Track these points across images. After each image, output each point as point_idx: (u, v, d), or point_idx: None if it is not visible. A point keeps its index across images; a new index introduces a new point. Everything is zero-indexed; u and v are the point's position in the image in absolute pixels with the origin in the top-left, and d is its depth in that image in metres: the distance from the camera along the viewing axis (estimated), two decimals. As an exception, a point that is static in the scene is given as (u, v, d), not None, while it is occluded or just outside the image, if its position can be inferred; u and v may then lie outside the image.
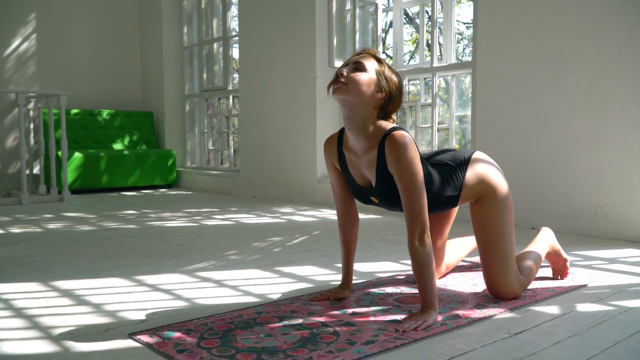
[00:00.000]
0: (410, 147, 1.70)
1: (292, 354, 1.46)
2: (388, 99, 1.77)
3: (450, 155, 1.96)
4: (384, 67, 1.78)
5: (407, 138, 1.71)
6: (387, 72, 1.77)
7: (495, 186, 1.92)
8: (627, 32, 2.95)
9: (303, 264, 2.52)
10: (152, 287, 2.15)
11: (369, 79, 1.73)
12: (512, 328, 1.65)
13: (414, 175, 1.69)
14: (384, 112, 1.78)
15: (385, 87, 1.75)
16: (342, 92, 1.72)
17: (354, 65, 1.75)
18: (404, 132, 1.73)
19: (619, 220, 3.02)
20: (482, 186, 1.92)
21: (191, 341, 1.56)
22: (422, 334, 1.58)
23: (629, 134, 2.97)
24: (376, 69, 1.76)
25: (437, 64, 4.11)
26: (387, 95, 1.76)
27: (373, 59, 1.78)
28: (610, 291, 2.04)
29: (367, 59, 1.77)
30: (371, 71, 1.74)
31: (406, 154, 1.69)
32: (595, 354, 1.45)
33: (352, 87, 1.71)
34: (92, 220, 3.93)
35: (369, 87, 1.73)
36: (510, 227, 1.94)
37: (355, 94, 1.72)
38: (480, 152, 2.00)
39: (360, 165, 1.83)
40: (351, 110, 1.74)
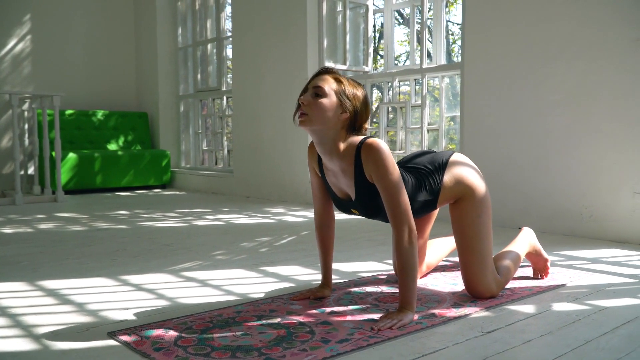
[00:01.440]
0: (385, 150, 1.73)
1: (266, 352, 1.48)
2: (354, 116, 1.76)
3: (429, 157, 1.98)
4: (344, 84, 1.75)
5: (380, 143, 1.74)
6: (347, 89, 1.75)
7: (474, 187, 1.95)
8: (611, 34, 2.98)
9: (288, 264, 2.54)
10: (136, 287, 2.17)
11: (330, 103, 1.72)
12: (486, 327, 1.67)
13: (394, 174, 1.72)
14: (353, 128, 1.78)
15: (349, 106, 1.74)
16: (306, 123, 1.73)
17: (313, 91, 1.73)
18: (376, 139, 1.76)
19: (603, 221, 3.05)
20: (460, 187, 1.94)
21: (169, 339, 1.58)
22: (397, 333, 1.61)
23: (613, 135, 3.00)
24: (335, 89, 1.73)
25: (427, 65, 4.13)
26: (352, 113, 1.76)
27: (331, 79, 1.75)
28: (588, 291, 2.07)
29: (325, 82, 1.74)
30: (331, 94, 1.72)
31: (382, 156, 1.72)
32: (564, 353, 1.47)
33: (315, 117, 1.72)
34: (84, 221, 3.95)
35: (331, 112, 1.72)
36: (488, 228, 1.97)
37: (319, 122, 1.72)
38: (458, 154, 2.02)
39: (338, 181, 1.86)
40: (320, 136, 1.76)
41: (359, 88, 1.80)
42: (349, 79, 1.80)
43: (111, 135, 6.46)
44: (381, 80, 4.62)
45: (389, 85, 4.54)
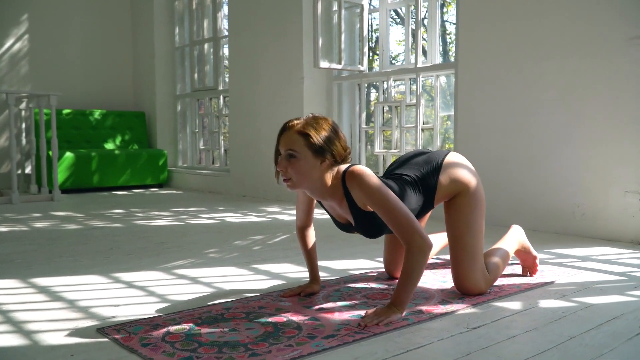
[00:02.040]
0: (366, 175, 1.75)
1: (253, 347, 1.50)
2: (332, 155, 1.76)
3: (424, 158, 2.01)
4: (311, 135, 1.71)
5: (359, 169, 1.76)
6: (316, 138, 1.71)
7: (469, 185, 1.97)
8: (603, 33, 2.99)
9: (280, 262, 2.56)
10: (127, 284, 2.19)
11: (308, 162, 1.72)
12: (472, 323, 1.69)
13: (385, 195, 1.73)
14: (336, 162, 1.78)
15: (326, 149, 1.74)
16: (294, 187, 1.76)
17: (286, 155, 1.73)
18: (355, 166, 1.78)
19: (595, 219, 3.06)
20: (456, 186, 1.97)
21: (157, 335, 1.59)
22: (383, 329, 1.62)
23: (605, 134, 3.01)
24: (306, 144, 1.71)
25: (421, 64, 4.14)
26: (331, 155, 1.75)
27: (297, 135, 1.72)
28: (576, 288, 2.08)
29: (294, 142, 1.72)
30: (304, 152, 1.71)
31: (366, 182, 1.73)
32: (548, 349, 1.49)
33: (299, 180, 1.74)
34: (79, 219, 3.97)
35: (312, 168, 1.73)
36: (481, 225, 1.99)
37: (305, 182, 1.75)
38: (454, 153, 2.04)
39: (336, 210, 1.90)
40: (310, 189, 1.79)
41: (325, 124, 1.76)
42: (311, 120, 1.75)
43: (108, 134, 6.48)
44: (376, 79, 4.64)
45: (385, 85, 4.55)
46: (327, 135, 1.74)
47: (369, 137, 4.84)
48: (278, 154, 1.78)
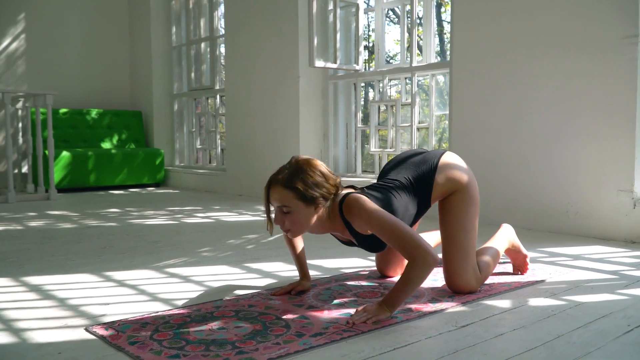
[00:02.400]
0: (362, 204, 1.76)
1: (240, 345, 1.50)
2: (324, 198, 1.76)
3: (421, 157, 2.02)
4: (299, 186, 1.72)
5: (355, 200, 1.77)
6: (305, 190, 1.72)
7: (464, 184, 1.99)
8: (597, 32, 2.99)
9: (272, 261, 2.56)
10: (118, 283, 2.19)
11: (302, 212, 1.74)
12: (460, 321, 1.69)
13: (383, 219, 1.74)
14: (330, 201, 1.80)
15: (318, 198, 1.74)
16: (295, 235, 1.81)
17: (279, 210, 1.75)
18: (350, 196, 1.79)
19: (588, 218, 3.06)
20: (451, 184, 1.98)
21: (145, 334, 1.60)
22: (371, 327, 1.62)
23: (598, 132, 3.01)
24: (297, 196, 1.72)
25: (416, 63, 4.14)
26: (322, 198, 1.76)
27: (285, 190, 1.72)
28: (567, 286, 2.08)
29: (284, 197, 1.73)
30: (297, 205, 1.73)
31: (365, 212, 1.75)
32: (534, 347, 1.49)
33: (299, 229, 1.78)
34: (75, 218, 3.97)
35: (309, 216, 1.75)
36: (474, 224, 2.00)
37: (304, 228, 1.78)
38: (450, 153, 2.06)
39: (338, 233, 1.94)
40: (311, 230, 1.83)
41: (310, 170, 1.75)
42: (295, 170, 1.75)
43: (105, 133, 6.48)
44: (372, 78, 4.64)
45: (380, 84, 4.55)
46: (315, 181, 1.74)
47: (366, 136, 4.84)
48: (268, 205, 1.80)
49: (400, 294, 1.72)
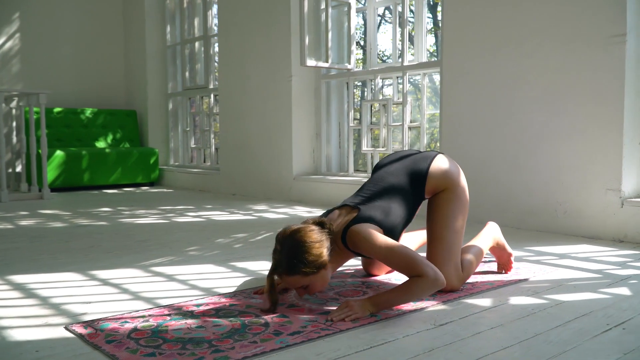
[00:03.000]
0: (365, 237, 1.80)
1: (217, 344, 1.50)
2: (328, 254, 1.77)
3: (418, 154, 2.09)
4: (302, 269, 1.71)
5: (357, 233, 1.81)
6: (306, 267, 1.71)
7: (455, 182, 2.04)
8: (584, 31, 2.99)
9: (258, 259, 2.56)
10: (102, 282, 2.19)
11: (318, 279, 1.75)
12: (439, 319, 1.69)
13: (387, 251, 1.78)
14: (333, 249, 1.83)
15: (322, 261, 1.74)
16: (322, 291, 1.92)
17: (300, 289, 1.77)
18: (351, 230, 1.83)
19: (576, 217, 3.06)
20: (444, 179, 2.03)
21: (123, 332, 1.60)
22: (349, 325, 1.63)
23: (586, 131, 3.01)
24: (305, 275, 1.72)
25: (407, 62, 4.14)
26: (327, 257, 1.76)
27: (293, 276, 1.72)
28: (550, 285, 2.08)
29: (297, 282, 1.74)
30: (311, 279, 1.74)
31: (369, 245, 1.80)
32: (510, 345, 1.49)
33: (323, 288, 1.81)
34: (66, 217, 3.97)
35: (324, 277, 1.78)
36: (461, 224, 2.03)
37: (325, 285, 1.81)
38: (444, 155, 2.11)
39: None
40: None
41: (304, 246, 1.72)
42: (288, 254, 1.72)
43: (100, 133, 6.48)
44: (364, 77, 4.64)
45: (372, 83, 4.55)
46: (314, 254, 1.72)
47: (358, 135, 4.84)
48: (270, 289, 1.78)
49: (392, 298, 1.75)
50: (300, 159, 4.83)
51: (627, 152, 2.90)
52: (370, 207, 1.92)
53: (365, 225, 1.85)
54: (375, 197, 1.97)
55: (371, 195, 1.98)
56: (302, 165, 4.84)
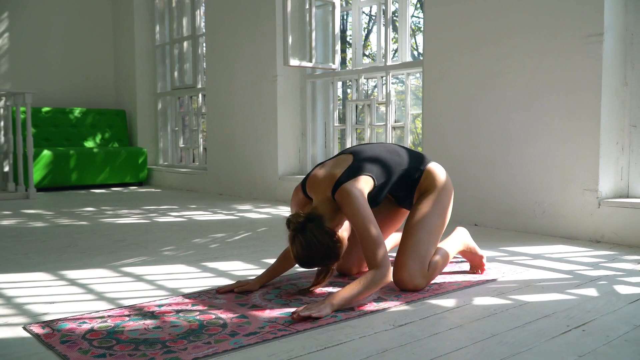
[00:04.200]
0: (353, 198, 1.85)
1: (170, 345, 1.49)
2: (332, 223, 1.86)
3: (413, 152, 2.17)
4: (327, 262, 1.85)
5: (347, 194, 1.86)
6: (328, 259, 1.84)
7: (442, 183, 2.09)
8: (561, 31, 2.98)
9: (231, 260, 2.55)
10: (70, 282, 2.18)
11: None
12: (399, 320, 1.68)
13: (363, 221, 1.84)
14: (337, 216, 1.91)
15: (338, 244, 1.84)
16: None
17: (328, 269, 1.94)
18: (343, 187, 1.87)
19: (555, 217, 3.06)
20: (432, 178, 2.09)
21: (79, 333, 1.59)
22: (307, 326, 1.62)
23: (564, 132, 3.01)
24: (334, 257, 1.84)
25: (391, 62, 4.14)
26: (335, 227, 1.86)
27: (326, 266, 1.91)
28: (517, 286, 2.07)
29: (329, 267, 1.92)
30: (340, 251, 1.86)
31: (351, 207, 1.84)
32: (464, 346, 1.48)
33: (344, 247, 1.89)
34: (47, 217, 3.96)
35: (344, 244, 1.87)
36: (439, 228, 2.05)
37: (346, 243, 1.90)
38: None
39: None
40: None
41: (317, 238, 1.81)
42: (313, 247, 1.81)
43: (88, 132, 6.46)
44: (348, 77, 4.63)
45: (357, 83, 4.54)
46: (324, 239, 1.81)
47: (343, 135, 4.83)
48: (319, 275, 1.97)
49: (348, 295, 1.76)
50: (286, 158, 4.83)
51: (604, 152, 2.89)
52: (367, 158, 2.00)
53: (356, 182, 1.89)
54: (374, 150, 2.05)
55: (370, 149, 2.07)
56: (288, 165, 4.84)
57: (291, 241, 1.82)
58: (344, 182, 1.88)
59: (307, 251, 1.79)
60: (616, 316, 1.72)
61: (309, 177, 2.00)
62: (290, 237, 1.82)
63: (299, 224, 1.80)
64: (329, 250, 1.81)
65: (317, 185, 1.95)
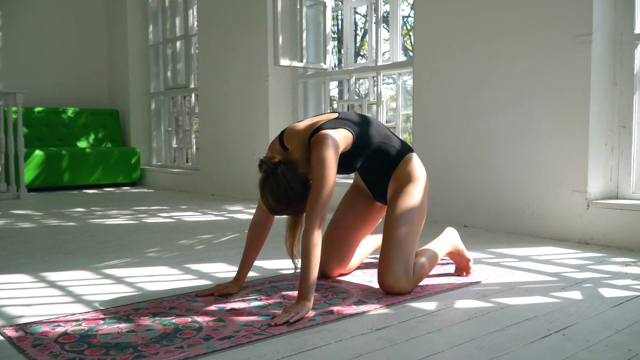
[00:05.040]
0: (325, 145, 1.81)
1: (142, 349, 1.47)
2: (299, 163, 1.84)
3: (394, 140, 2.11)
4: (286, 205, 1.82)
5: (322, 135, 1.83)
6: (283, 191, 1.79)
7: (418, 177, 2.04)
8: (551, 31, 2.96)
9: (215, 261, 2.53)
10: (50, 284, 2.15)
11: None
12: (377, 324, 1.66)
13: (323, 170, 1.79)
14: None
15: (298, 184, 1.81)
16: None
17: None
18: (321, 132, 1.85)
19: (544, 219, 3.04)
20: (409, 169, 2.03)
21: (52, 336, 1.56)
22: (283, 330, 1.59)
23: (553, 133, 2.98)
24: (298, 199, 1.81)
25: (382, 62, 4.12)
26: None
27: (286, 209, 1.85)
28: (500, 288, 2.05)
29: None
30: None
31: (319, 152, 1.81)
32: (441, 350, 1.46)
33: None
34: (36, 218, 3.93)
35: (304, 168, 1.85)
36: (416, 228, 2.00)
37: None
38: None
39: None
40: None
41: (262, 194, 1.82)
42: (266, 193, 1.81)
43: (81, 132, 6.44)
44: (340, 77, 4.61)
45: (348, 83, 4.52)
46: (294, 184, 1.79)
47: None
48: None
49: (305, 279, 1.73)
50: (278, 159, 4.79)
51: (593, 153, 2.87)
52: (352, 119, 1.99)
53: (336, 132, 1.86)
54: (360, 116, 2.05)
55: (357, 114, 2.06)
56: (280, 166, 4.80)
57: (261, 184, 1.79)
58: (324, 129, 1.87)
59: (277, 195, 1.77)
60: (598, 320, 1.70)
61: (288, 127, 1.98)
62: (261, 180, 1.79)
63: (271, 165, 1.77)
64: (299, 196, 1.78)
65: (295, 133, 1.93)
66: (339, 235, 2.17)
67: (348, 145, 1.92)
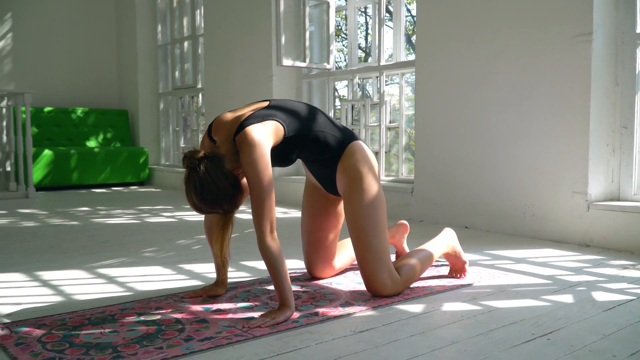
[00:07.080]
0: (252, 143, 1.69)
1: (122, 350, 1.47)
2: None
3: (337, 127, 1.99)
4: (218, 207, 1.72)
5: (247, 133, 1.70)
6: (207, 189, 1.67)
7: (370, 169, 1.95)
8: (551, 30, 2.92)
9: (209, 262, 2.53)
10: (42, 283, 2.17)
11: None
12: (361, 326, 1.65)
13: (258, 174, 1.69)
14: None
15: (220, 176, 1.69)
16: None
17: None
18: (246, 129, 1.72)
19: (544, 220, 3.00)
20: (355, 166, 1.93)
21: (35, 335, 1.58)
22: (264, 331, 1.59)
23: (553, 133, 2.95)
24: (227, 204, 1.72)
25: (384, 62, 4.10)
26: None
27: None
28: (491, 291, 2.03)
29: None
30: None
31: (248, 154, 1.69)
32: (420, 354, 1.45)
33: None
34: (41, 217, 3.97)
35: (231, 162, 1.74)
36: (383, 224, 1.94)
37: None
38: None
39: None
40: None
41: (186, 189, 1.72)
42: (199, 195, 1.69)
43: (90, 132, 6.50)
44: (343, 77, 4.60)
45: (352, 83, 4.50)
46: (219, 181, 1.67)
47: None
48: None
49: (278, 286, 1.69)
50: (282, 159, 4.80)
51: (594, 154, 2.83)
52: (283, 107, 1.86)
53: (262, 127, 1.73)
54: (294, 104, 1.92)
55: (290, 101, 1.93)
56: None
57: (185, 180, 1.67)
58: (249, 125, 1.72)
59: (200, 192, 1.65)
60: (586, 325, 1.67)
61: (216, 118, 1.84)
62: (185, 176, 1.67)
63: (194, 160, 1.65)
64: (224, 194, 1.67)
65: (222, 125, 1.78)
66: (312, 239, 2.13)
67: (279, 138, 1.79)
